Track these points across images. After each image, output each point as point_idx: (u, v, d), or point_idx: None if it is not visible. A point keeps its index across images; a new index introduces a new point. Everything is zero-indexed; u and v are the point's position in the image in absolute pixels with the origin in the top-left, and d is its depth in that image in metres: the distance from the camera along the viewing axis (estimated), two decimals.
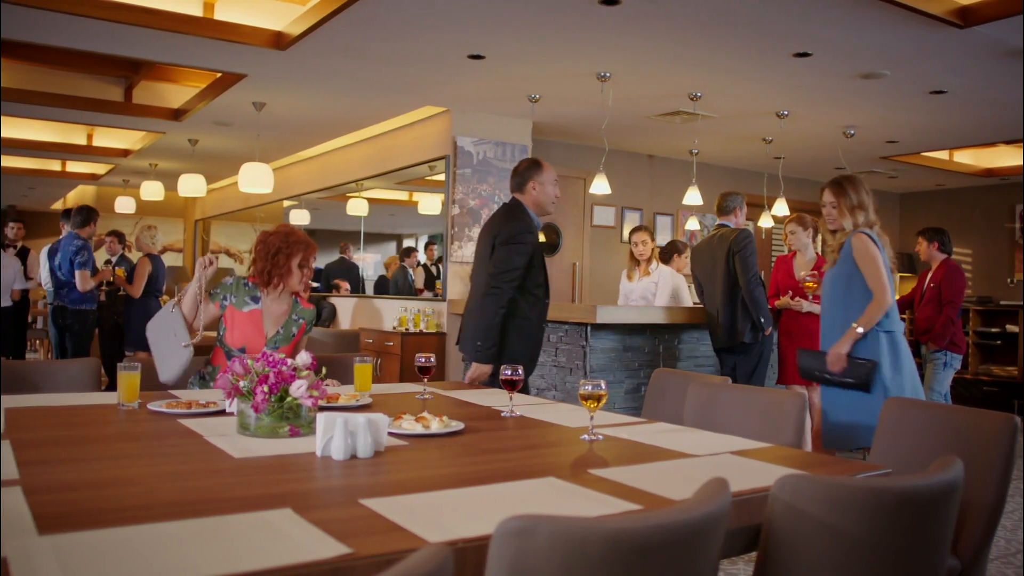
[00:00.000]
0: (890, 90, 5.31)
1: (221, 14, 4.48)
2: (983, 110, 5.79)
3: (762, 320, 4.42)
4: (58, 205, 14.13)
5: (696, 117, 6.05)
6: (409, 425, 2.04)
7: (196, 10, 4.42)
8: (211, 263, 2.95)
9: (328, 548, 1.14)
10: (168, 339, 2.84)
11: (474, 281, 3.51)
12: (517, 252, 3.29)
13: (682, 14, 4.03)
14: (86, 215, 6.27)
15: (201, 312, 2.92)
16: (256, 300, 2.99)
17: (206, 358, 3.04)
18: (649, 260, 5.40)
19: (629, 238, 5.50)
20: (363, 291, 8.11)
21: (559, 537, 1.01)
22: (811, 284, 4.63)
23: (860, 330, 3.14)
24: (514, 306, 3.29)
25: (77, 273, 6.08)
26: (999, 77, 4.93)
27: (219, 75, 5.52)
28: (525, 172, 3.50)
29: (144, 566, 1.07)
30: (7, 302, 6.54)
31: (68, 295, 6.17)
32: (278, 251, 2.96)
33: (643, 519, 1.08)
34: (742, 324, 4.47)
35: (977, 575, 1.97)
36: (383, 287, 7.98)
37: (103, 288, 6.60)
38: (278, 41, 4.60)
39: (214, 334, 3.06)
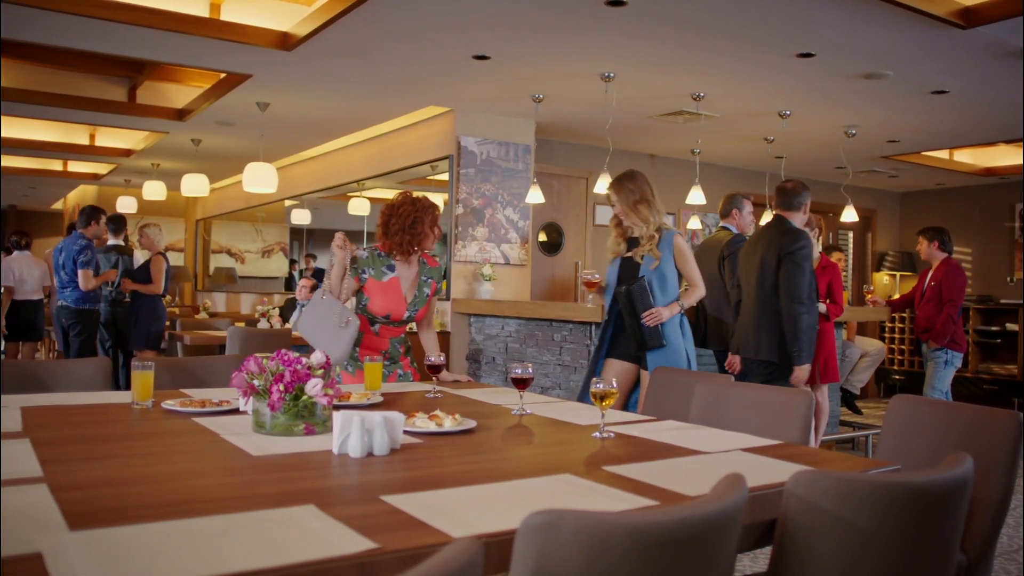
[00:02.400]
0: (892, 90, 5.34)
1: (227, 15, 4.50)
2: (984, 110, 5.82)
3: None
4: (58, 205, 14.15)
5: (699, 117, 6.08)
6: (423, 423, 2.06)
7: (202, 11, 4.43)
8: (345, 242, 3.08)
9: (355, 543, 1.16)
10: (328, 324, 2.99)
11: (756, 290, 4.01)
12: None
13: (687, 15, 4.05)
14: (90, 214, 6.28)
15: (347, 289, 3.10)
16: (392, 268, 3.17)
17: None
18: None
19: None
20: None
21: (584, 531, 1.04)
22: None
23: (681, 306, 3.58)
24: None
25: (79, 272, 6.07)
26: (1000, 77, 4.96)
27: (224, 75, 5.54)
28: (801, 194, 4.05)
29: (176, 561, 1.09)
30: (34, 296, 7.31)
31: (71, 295, 6.17)
32: (414, 220, 3.11)
33: (666, 513, 1.11)
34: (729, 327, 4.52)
35: (984, 570, 2.00)
36: None
37: (110, 286, 6.61)
38: (284, 42, 4.62)
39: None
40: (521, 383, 2.40)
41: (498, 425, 2.25)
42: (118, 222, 6.75)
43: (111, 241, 6.67)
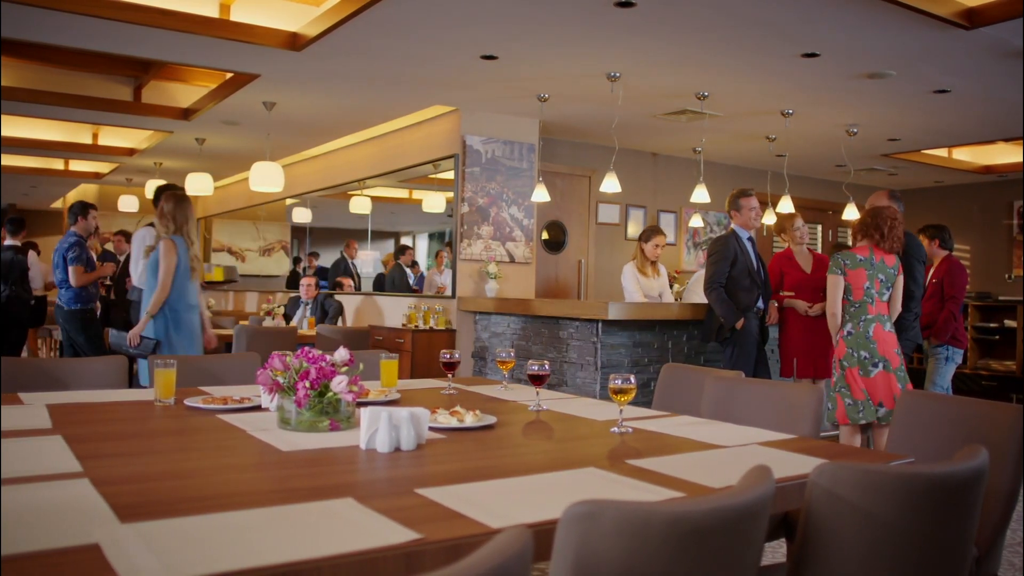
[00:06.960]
0: (894, 89, 5.39)
1: (237, 15, 4.53)
2: (985, 109, 5.87)
3: (722, 320, 4.55)
4: (58, 204, 14.14)
5: (702, 116, 6.12)
6: (444, 419, 2.10)
7: (212, 11, 4.46)
8: None
9: (398, 534, 1.20)
10: None
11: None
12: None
13: (695, 16, 4.09)
14: (78, 211, 6.14)
15: None
16: None
17: None
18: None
19: (648, 240, 5.53)
20: (359, 288, 8.20)
21: (624, 520, 1.08)
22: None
23: (148, 314, 4.06)
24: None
25: (70, 268, 5.92)
26: (1002, 77, 5.00)
27: (231, 75, 5.56)
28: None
29: (229, 551, 1.13)
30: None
31: (65, 295, 6.02)
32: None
33: (701, 503, 1.15)
34: (711, 323, 4.68)
35: (993, 561, 2.05)
36: (380, 284, 8.05)
37: (106, 283, 6.59)
38: (293, 42, 4.65)
39: None
40: (538, 379, 2.45)
41: (517, 421, 2.29)
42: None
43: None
